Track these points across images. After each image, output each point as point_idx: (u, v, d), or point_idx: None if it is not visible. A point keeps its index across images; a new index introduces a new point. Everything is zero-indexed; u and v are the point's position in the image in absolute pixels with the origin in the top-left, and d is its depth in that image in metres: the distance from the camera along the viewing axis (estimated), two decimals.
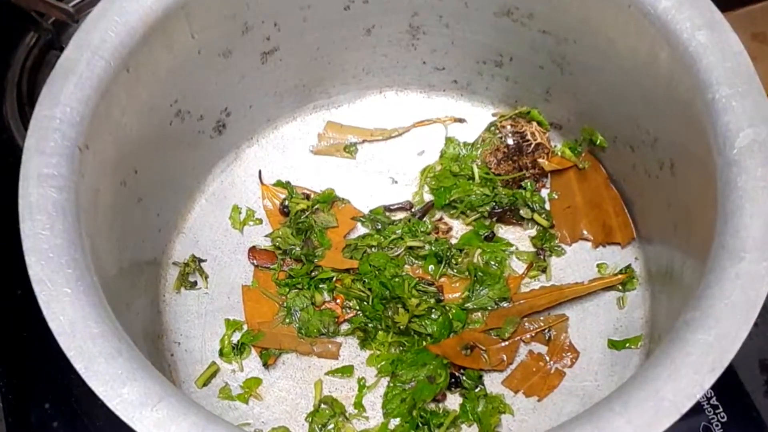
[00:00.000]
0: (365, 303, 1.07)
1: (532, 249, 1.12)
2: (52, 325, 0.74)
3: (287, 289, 1.09)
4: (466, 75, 1.16)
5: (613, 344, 1.04)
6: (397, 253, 1.10)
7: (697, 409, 1.01)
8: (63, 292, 0.75)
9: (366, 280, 1.08)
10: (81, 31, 0.87)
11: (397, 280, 1.08)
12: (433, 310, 1.06)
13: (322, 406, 1.02)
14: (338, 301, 1.09)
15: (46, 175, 0.79)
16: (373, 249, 1.11)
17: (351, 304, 1.09)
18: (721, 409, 1.02)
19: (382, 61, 1.15)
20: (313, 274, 1.10)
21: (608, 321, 1.06)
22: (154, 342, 1.03)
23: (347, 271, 1.09)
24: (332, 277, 1.09)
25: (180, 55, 0.96)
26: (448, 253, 1.10)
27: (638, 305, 1.06)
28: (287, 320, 1.07)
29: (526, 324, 1.06)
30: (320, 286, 1.09)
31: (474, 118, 1.19)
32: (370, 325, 1.07)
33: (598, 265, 1.09)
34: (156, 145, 1.00)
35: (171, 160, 1.05)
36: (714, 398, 1.03)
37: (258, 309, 1.09)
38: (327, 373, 1.05)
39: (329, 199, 1.15)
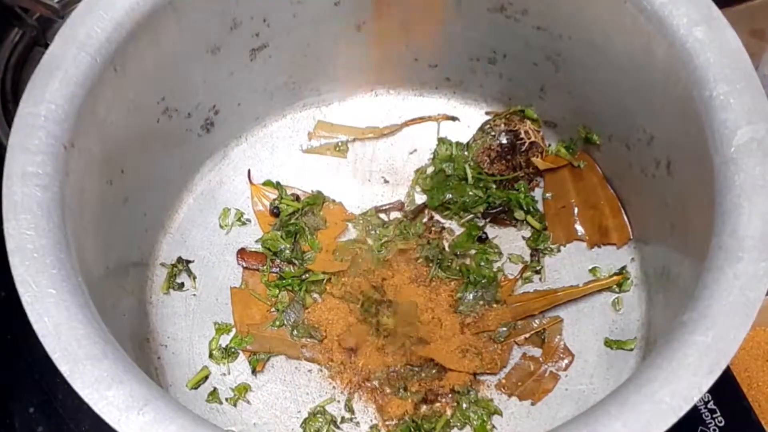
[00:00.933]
0: (356, 305, 1.06)
1: (527, 250, 1.11)
2: (37, 327, 0.72)
3: (277, 291, 1.08)
4: (459, 72, 1.15)
5: (608, 343, 1.03)
6: (387, 257, 1.09)
7: (694, 414, 1.00)
8: (48, 293, 0.74)
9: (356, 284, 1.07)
10: (67, 27, 0.86)
11: (388, 282, 1.07)
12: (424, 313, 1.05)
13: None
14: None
15: (30, 174, 0.78)
16: (363, 252, 1.10)
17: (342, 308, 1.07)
18: (718, 414, 1.02)
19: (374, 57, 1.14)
20: (303, 276, 1.08)
21: (604, 323, 1.05)
22: (141, 344, 1.02)
23: (338, 273, 1.08)
24: (323, 280, 1.08)
25: (167, 52, 0.95)
26: (439, 256, 1.08)
27: (634, 307, 1.04)
28: (277, 322, 1.06)
29: (520, 326, 1.05)
30: (312, 288, 1.08)
31: (467, 116, 1.18)
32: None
33: (591, 270, 1.08)
34: (143, 144, 0.98)
35: (158, 158, 1.04)
36: (711, 402, 1.02)
37: (247, 311, 1.07)
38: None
39: (319, 201, 1.13)
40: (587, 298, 1.06)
